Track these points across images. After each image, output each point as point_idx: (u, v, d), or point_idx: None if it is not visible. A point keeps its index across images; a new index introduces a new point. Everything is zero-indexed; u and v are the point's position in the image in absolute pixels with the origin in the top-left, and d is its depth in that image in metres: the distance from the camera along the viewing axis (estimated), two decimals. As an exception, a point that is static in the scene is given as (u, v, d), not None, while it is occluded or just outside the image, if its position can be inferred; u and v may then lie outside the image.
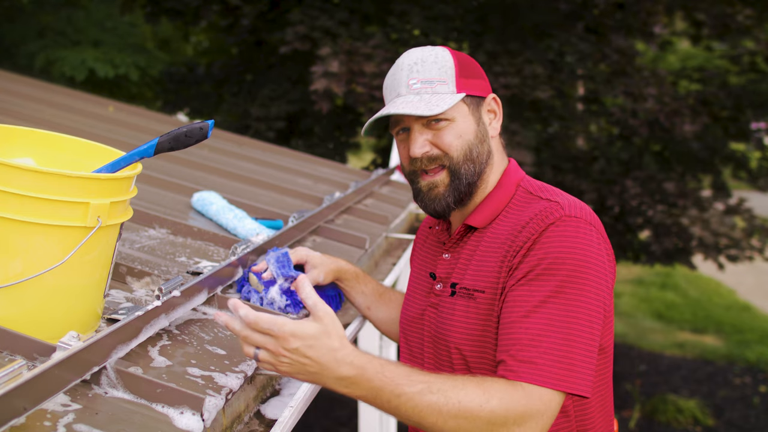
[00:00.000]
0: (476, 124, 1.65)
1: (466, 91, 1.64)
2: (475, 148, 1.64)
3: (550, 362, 1.40)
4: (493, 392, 1.36)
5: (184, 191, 2.78)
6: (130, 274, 1.81)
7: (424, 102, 1.59)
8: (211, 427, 1.32)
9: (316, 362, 1.31)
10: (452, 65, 1.64)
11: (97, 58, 7.12)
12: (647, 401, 7.76)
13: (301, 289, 1.37)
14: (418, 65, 1.64)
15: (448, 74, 1.63)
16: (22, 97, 4.02)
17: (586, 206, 1.60)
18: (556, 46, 7.13)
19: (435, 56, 1.65)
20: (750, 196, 7.59)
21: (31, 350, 1.26)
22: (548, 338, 1.42)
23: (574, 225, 1.51)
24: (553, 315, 1.44)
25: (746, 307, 11.16)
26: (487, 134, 1.68)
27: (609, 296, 1.54)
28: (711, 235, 6.63)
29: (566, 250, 1.48)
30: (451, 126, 1.62)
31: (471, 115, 1.65)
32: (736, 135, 7.62)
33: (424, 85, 1.62)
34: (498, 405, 1.35)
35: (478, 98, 1.67)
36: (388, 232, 3.17)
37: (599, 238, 1.54)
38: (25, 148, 1.51)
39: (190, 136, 1.49)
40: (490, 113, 1.70)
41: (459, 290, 1.63)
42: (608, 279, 1.53)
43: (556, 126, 7.76)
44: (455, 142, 1.62)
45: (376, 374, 1.33)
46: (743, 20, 7.05)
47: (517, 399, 1.37)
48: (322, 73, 5.97)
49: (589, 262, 1.48)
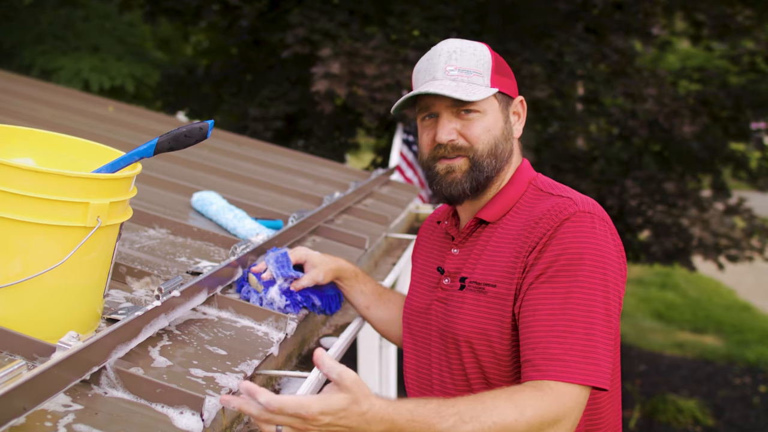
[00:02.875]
0: (504, 122, 1.68)
1: (499, 88, 1.66)
2: (500, 144, 1.66)
3: (576, 358, 1.43)
4: (525, 403, 1.38)
5: (184, 191, 2.78)
6: (130, 274, 1.80)
7: (461, 89, 1.61)
8: (210, 427, 1.32)
9: (348, 428, 1.29)
10: (489, 60, 1.67)
11: (93, 67, 7.11)
12: (647, 401, 7.76)
13: (321, 365, 1.29)
14: (457, 53, 1.66)
15: (485, 67, 1.65)
16: (22, 97, 4.02)
17: (596, 203, 1.62)
18: (555, 46, 7.13)
19: (474, 48, 1.68)
20: (750, 196, 7.59)
21: (31, 350, 1.26)
22: (573, 335, 1.44)
23: (589, 220, 1.53)
24: (576, 311, 1.46)
25: (746, 307, 11.16)
26: (512, 133, 1.71)
27: (623, 290, 1.57)
28: (711, 235, 6.63)
29: (583, 245, 1.50)
30: (480, 118, 1.64)
31: (500, 111, 1.67)
32: (736, 135, 7.62)
33: (461, 74, 1.64)
34: (532, 414, 1.37)
35: (508, 97, 1.70)
36: (387, 232, 3.17)
37: (612, 233, 1.57)
38: (25, 148, 1.51)
39: (190, 136, 1.49)
40: (515, 115, 1.73)
41: (468, 284, 1.64)
42: (622, 273, 1.56)
43: (555, 126, 7.76)
44: (483, 135, 1.64)
45: (407, 422, 1.31)
46: (743, 20, 7.06)
47: (548, 403, 1.39)
48: (323, 74, 5.97)
49: (605, 256, 1.51)
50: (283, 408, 1.23)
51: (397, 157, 5.76)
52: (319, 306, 1.93)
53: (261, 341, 1.69)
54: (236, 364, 1.53)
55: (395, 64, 6.20)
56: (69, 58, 7.16)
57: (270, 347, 1.67)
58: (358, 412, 1.28)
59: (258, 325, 1.76)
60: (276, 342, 1.70)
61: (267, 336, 1.72)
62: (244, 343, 1.65)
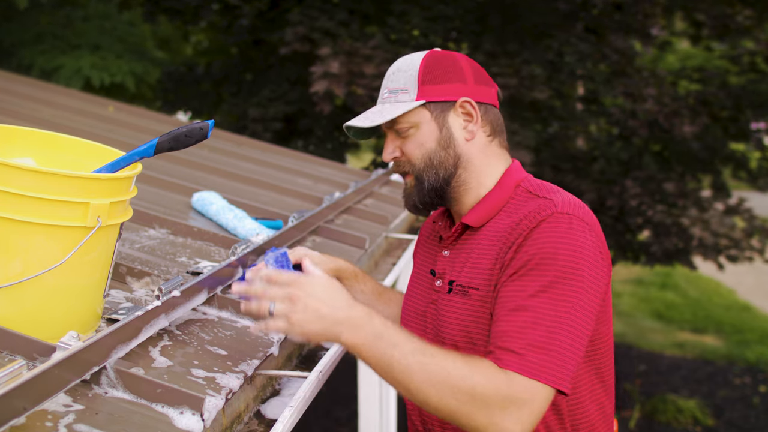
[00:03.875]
0: (439, 131, 1.66)
1: (426, 98, 1.65)
2: (436, 155, 1.66)
3: (535, 354, 1.41)
4: (478, 369, 1.39)
5: (184, 191, 2.78)
6: (130, 274, 1.80)
7: (378, 112, 1.66)
8: (210, 427, 1.32)
9: (329, 304, 1.41)
10: (416, 73, 1.65)
11: (93, 64, 7.10)
12: (647, 401, 7.76)
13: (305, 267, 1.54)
14: (393, 75, 1.69)
15: (411, 82, 1.66)
16: (22, 97, 4.02)
17: (581, 204, 1.60)
18: (555, 46, 7.13)
19: (408, 65, 1.68)
20: (750, 196, 7.59)
21: (31, 350, 1.26)
22: (535, 331, 1.42)
23: (566, 221, 1.52)
24: (542, 309, 1.44)
25: (746, 307, 11.16)
26: (453, 139, 1.67)
27: (603, 293, 1.54)
28: (711, 235, 6.63)
29: (558, 245, 1.49)
30: (416, 134, 1.66)
31: (434, 121, 1.66)
32: (736, 135, 7.62)
33: (391, 95, 1.68)
34: (480, 381, 1.37)
35: (443, 103, 1.66)
36: (387, 232, 3.17)
37: (592, 235, 1.54)
38: (25, 148, 1.51)
39: (190, 136, 1.49)
40: (466, 115, 1.68)
41: (455, 287, 1.64)
42: (602, 275, 1.53)
43: (555, 126, 7.76)
44: (416, 151, 1.67)
45: (382, 321, 1.41)
46: (743, 20, 7.06)
47: (500, 381, 1.38)
48: (321, 73, 5.97)
49: (582, 257, 1.48)
50: (280, 275, 1.44)
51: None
52: (319, 306, 1.93)
53: (261, 341, 1.69)
54: (236, 364, 1.53)
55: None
56: (69, 57, 7.15)
57: (270, 347, 1.67)
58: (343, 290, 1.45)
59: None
60: (276, 342, 1.70)
61: (267, 336, 1.72)
62: (244, 343, 1.65)
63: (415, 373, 1.37)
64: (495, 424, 1.37)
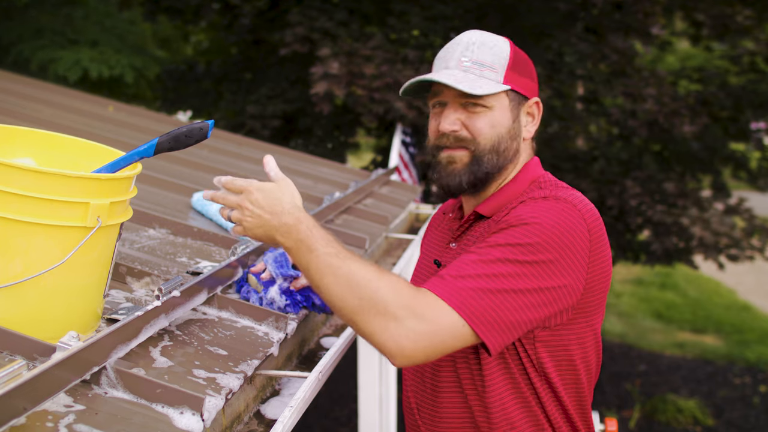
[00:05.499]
0: (512, 120, 1.65)
1: (512, 85, 1.63)
2: (504, 141, 1.64)
3: (458, 282, 1.40)
4: (388, 279, 1.40)
5: (184, 191, 2.78)
6: (130, 274, 1.80)
7: (468, 81, 1.58)
8: (210, 427, 1.32)
9: (269, 211, 1.48)
10: (507, 56, 1.64)
11: (92, 58, 7.09)
12: (647, 401, 7.76)
13: (265, 164, 1.58)
14: (475, 45, 1.63)
15: (500, 63, 1.63)
16: (22, 97, 4.02)
17: (587, 202, 1.59)
18: (555, 46, 7.12)
19: (494, 43, 1.65)
20: (750, 196, 7.58)
21: (31, 350, 1.26)
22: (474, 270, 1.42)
23: (552, 202, 1.53)
24: (494, 263, 1.43)
25: (746, 307, 11.16)
26: (520, 134, 1.68)
27: (579, 281, 1.50)
28: (711, 235, 6.62)
29: (534, 213, 1.49)
30: (487, 113, 1.61)
31: (510, 110, 1.64)
32: (735, 135, 7.61)
33: (474, 66, 1.61)
34: (384, 287, 1.38)
35: (521, 96, 1.67)
36: (388, 232, 3.17)
37: (580, 219, 1.52)
38: (25, 148, 1.51)
39: (190, 136, 1.49)
40: (529, 116, 1.70)
41: None
42: (580, 261, 1.49)
43: (555, 126, 7.75)
44: (487, 130, 1.61)
45: (307, 229, 1.46)
46: (743, 21, 7.05)
47: (406, 293, 1.39)
48: (321, 74, 5.96)
49: (561, 233, 1.46)
50: (234, 180, 1.53)
51: (396, 157, 5.75)
52: (319, 305, 1.93)
53: (261, 341, 1.69)
54: (237, 364, 1.53)
55: (394, 63, 6.19)
56: (68, 51, 7.15)
57: (270, 347, 1.67)
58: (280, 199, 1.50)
59: (258, 325, 1.77)
60: (276, 342, 1.70)
61: (267, 336, 1.72)
62: (244, 343, 1.65)
63: (324, 275, 1.42)
64: (386, 330, 1.36)
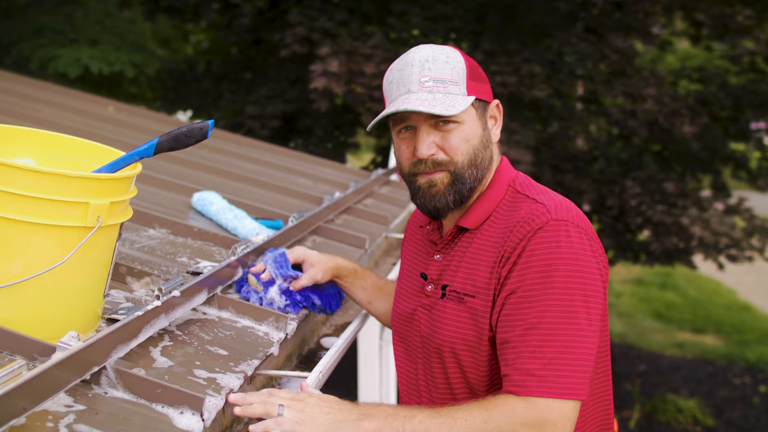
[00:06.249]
0: (482, 129, 1.63)
1: (476, 95, 1.61)
2: (479, 153, 1.62)
3: (554, 373, 1.42)
4: (497, 408, 1.41)
5: (184, 191, 2.78)
6: (130, 274, 1.80)
7: (439, 102, 1.55)
8: (210, 427, 1.32)
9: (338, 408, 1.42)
10: (464, 67, 1.61)
11: (92, 56, 7.08)
12: (647, 401, 7.76)
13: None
14: (429, 63, 1.59)
15: (460, 75, 1.59)
16: (22, 97, 4.02)
17: (572, 206, 1.58)
18: (555, 46, 7.12)
19: (446, 56, 1.61)
20: (750, 196, 7.58)
21: (31, 350, 1.26)
22: (550, 348, 1.43)
23: (564, 229, 1.50)
24: (552, 326, 1.45)
25: (746, 307, 11.15)
26: (491, 140, 1.66)
27: (604, 296, 1.54)
28: (711, 234, 6.62)
29: (557, 256, 1.47)
30: (459, 129, 1.59)
31: (478, 119, 1.62)
32: (735, 135, 7.62)
33: (437, 84, 1.58)
34: (501, 419, 1.39)
35: (484, 103, 1.65)
36: (387, 232, 3.17)
37: (589, 240, 1.52)
38: (25, 148, 1.51)
39: (190, 136, 1.49)
40: (492, 119, 1.68)
41: (449, 293, 1.62)
42: (601, 280, 1.52)
43: (555, 126, 7.75)
44: (462, 146, 1.59)
45: (390, 405, 1.46)
46: (743, 20, 7.05)
47: (521, 411, 1.40)
48: (321, 71, 5.96)
49: (581, 265, 1.48)
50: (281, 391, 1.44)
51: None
52: (319, 305, 1.93)
53: (261, 341, 1.69)
54: (237, 364, 1.53)
55: (394, 63, 6.19)
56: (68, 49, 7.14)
57: (270, 347, 1.67)
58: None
59: (258, 325, 1.77)
60: (276, 342, 1.70)
61: (267, 336, 1.72)
62: (244, 343, 1.65)
63: None
64: None
